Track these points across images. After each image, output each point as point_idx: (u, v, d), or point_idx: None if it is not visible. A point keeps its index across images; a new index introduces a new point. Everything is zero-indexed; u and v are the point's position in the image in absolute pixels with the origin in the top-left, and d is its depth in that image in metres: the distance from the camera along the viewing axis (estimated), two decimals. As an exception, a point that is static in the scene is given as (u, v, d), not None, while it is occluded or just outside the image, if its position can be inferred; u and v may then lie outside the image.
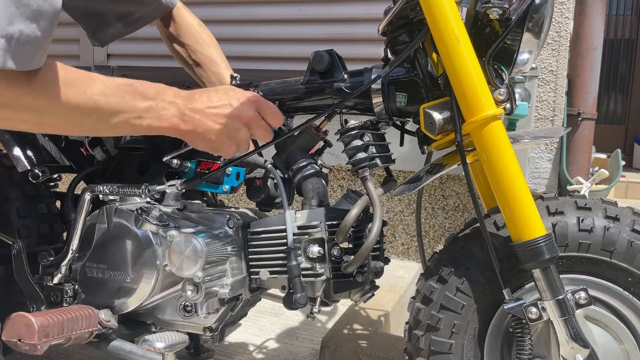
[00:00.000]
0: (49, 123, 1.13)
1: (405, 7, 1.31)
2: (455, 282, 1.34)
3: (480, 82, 1.21)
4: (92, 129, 1.21)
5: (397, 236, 3.08)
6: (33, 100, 1.06)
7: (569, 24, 2.74)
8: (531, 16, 1.26)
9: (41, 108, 1.08)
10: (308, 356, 2.16)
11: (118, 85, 1.19)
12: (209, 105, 1.27)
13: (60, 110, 1.10)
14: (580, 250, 1.28)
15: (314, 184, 1.48)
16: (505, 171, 1.21)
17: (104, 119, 1.17)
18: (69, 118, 1.13)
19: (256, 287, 1.53)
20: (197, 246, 1.35)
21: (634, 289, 1.26)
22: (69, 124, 1.16)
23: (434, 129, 1.28)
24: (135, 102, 1.20)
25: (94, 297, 1.54)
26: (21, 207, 1.69)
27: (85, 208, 1.50)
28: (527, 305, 1.24)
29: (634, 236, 1.25)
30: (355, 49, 2.93)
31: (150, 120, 1.22)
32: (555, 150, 2.80)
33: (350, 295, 1.50)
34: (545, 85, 2.75)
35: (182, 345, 1.44)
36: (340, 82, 1.45)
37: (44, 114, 1.10)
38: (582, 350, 1.22)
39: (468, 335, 1.34)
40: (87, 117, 1.15)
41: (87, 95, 1.12)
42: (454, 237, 1.41)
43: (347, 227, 1.37)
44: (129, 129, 1.22)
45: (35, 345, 1.30)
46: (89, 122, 1.16)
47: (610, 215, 1.28)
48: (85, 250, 1.54)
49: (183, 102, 1.26)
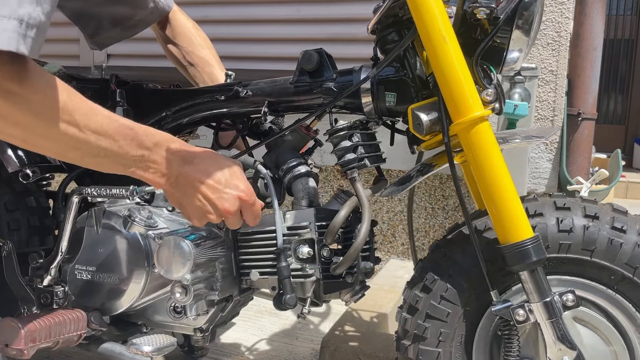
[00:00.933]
0: (33, 142, 1.10)
1: (394, 5, 1.30)
2: (439, 290, 1.34)
3: (468, 82, 1.20)
4: (77, 161, 1.17)
5: (397, 236, 3.07)
6: (23, 115, 1.03)
7: (569, 24, 2.73)
8: (521, 13, 1.25)
9: (29, 125, 1.05)
10: (308, 356, 2.16)
11: (118, 126, 1.16)
12: (201, 178, 1.25)
13: (47, 133, 1.08)
14: (561, 251, 1.27)
15: (304, 184, 1.48)
16: (493, 173, 1.20)
17: (91, 154, 1.14)
18: (54, 144, 1.10)
19: (247, 287, 1.53)
20: (185, 248, 1.34)
21: (617, 286, 1.26)
22: (54, 149, 1.13)
23: (422, 129, 1.28)
24: (128, 148, 1.17)
25: (84, 299, 1.53)
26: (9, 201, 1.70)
27: (74, 210, 1.49)
28: (514, 307, 1.24)
29: (614, 234, 1.25)
30: (356, 49, 2.93)
31: (135, 169, 1.21)
32: (555, 150, 2.79)
33: (340, 296, 1.49)
34: (545, 85, 2.74)
35: (170, 348, 1.44)
36: (330, 82, 1.45)
37: (31, 132, 1.07)
38: (569, 352, 1.21)
39: (455, 342, 1.34)
40: (74, 149, 1.12)
41: (79, 127, 1.09)
42: (436, 244, 1.41)
43: (335, 228, 1.37)
44: (113, 169, 1.20)
45: (22, 350, 1.30)
46: (74, 154, 1.14)
47: (589, 214, 1.28)
48: (75, 252, 1.54)
49: (178, 162, 1.24)
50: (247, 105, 1.55)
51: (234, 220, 1.30)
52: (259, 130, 1.65)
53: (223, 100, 1.57)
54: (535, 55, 2.72)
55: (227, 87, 1.58)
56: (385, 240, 3.08)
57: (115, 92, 1.65)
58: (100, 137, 1.13)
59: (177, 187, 1.26)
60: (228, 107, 1.57)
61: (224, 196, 1.26)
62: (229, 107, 1.57)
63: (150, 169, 1.22)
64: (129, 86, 1.68)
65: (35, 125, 1.05)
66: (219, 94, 1.57)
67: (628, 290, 1.25)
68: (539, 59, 2.73)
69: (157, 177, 1.23)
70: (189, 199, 1.26)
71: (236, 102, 1.55)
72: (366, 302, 2.40)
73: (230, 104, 1.56)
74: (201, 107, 1.60)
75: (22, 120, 1.04)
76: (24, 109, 1.02)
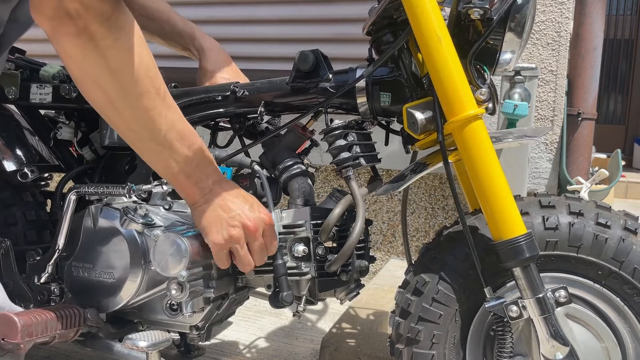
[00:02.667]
0: (95, 90, 1.15)
1: (389, 6, 1.31)
2: (430, 293, 1.34)
3: (462, 81, 1.21)
4: (125, 135, 1.23)
5: (397, 236, 3.08)
6: (114, 52, 1.09)
7: (569, 24, 2.73)
8: (513, 16, 1.26)
9: (112, 69, 1.10)
10: (308, 356, 2.17)
11: (187, 127, 1.23)
12: (230, 197, 1.31)
13: (117, 90, 1.14)
14: (548, 249, 1.29)
15: (300, 183, 1.49)
16: (486, 170, 1.21)
17: (147, 139, 1.21)
18: (117, 106, 1.16)
19: (242, 285, 1.53)
20: (181, 246, 1.35)
21: (605, 281, 1.27)
22: (112, 110, 1.18)
23: (416, 128, 1.29)
24: (188, 151, 1.24)
25: (81, 296, 1.54)
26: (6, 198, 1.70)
27: (71, 208, 1.50)
28: (508, 303, 1.25)
29: (599, 229, 1.26)
30: (355, 49, 2.93)
31: (182, 173, 1.26)
32: (555, 150, 2.79)
33: (335, 294, 1.50)
34: (545, 85, 2.74)
35: (166, 344, 1.45)
36: (325, 82, 1.46)
37: (105, 79, 1.12)
38: (562, 349, 1.22)
39: (449, 344, 1.34)
40: (133, 124, 1.17)
41: (150, 110, 1.16)
42: (426, 247, 1.42)
43: (330, 226, 1.38)
44: (162, 164, 1.26)
45: (18, 344, 1.31)
46: (130, 134, 1.20)
47: (573, 211, 1.29)
48: (72, 250, 1.55)
49: (215, 178, 1.31)
50: (243, 105, 1.56)
51: (242, 254, 1.34)
52: (255, 130, 1.66)
53: (220, 100, 1.58)
54: (535, 55, 2.73)
55: (224, 87, 1.59)
56: (385, 240, 3.09)
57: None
58: (171, 129, 1.19)
59: (207, 203, 1.30)
60: (225, 107, 1.58)
61: (248, 214, 1.31)
62: (225, 107, 1.58)
63: (193, 178, 1.27)
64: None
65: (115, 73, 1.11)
66: (216, 94, 1.58)
67: (615, 284, 1.26)
68: (539, 59, 2.73)
69: (196, 188, 1.28)
70: (215, 213, 1.30)
71: (233, 102, 1.57)
72: (366, 302, 2.41)
73: (227, 104, 1.58)
74: (198, 107, 1.61)
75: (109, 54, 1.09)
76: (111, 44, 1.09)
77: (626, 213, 1.33)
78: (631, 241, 1.25)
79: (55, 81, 1.69)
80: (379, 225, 3.08)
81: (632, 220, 1.30)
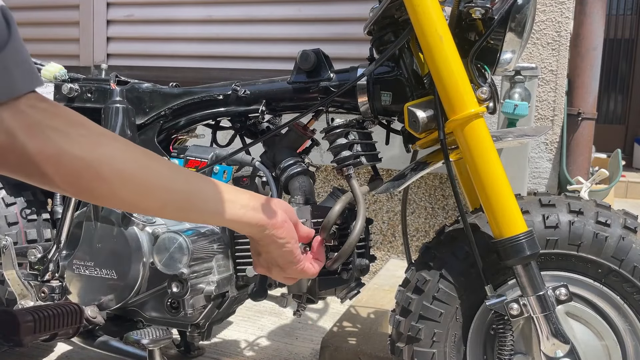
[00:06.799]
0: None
1: (390, 6, 1.32)
2: (431, 291, 1.35)
3: (463, 80, 1.22)
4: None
5: (397, 236, 3.08)
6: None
7: (569, 24, 2.73)
8: (513, 16, 1.27)
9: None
10: (308, 356, 2.17)
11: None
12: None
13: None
14: (549, 247, 1.29)
15: (300, 182, 1.49)
16: (487, 168, 1.22)
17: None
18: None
19: (243, 284, 1.54)
20: (182, 243, 1.36)
21: (605, 280, 1.28)
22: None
23: (418, 127, 1.29)
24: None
25: (82, 293, 1.55)
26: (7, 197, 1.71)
27: (72, 206, 1.51)
28: (509, 301, 1.25)
29: (599, 228, 1.27)
30: (355, 49, 2.94)
31: (246, 210, 1.01)
32: (555, 150, 2.80)
33: (335, 293, 1.50)
34: (545, 85, 2.75)
35: (167, 340, 1.45)
36: (326, 81, 1.47)
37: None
38: (562, 346, 1.22)
39: (449, 342, 1.35)
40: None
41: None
42: (426, 246, 1.42)
43: (330, 224, 1.38)
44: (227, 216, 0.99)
45: (20, 340, 1.31)
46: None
47: (573, 209, 1.30)
48: (73, 248, 1.55)
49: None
50: (245, 104, 1.57)
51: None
52: (256, 129, 1.67)
53: (221, 99, 1.58)
54: (535, 55, 2.73)
55: (225, 86, 1.59)
56: (385, 240, 3.09)
57: (115, 91, 1.66)
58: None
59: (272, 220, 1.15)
60: (226, 107, 1.59)
61: (287, 244, 1.08)
62: (227, 107, 1.59)
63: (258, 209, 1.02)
64: (129, 85, 1.69)
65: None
66: (217, 93, 1.59)
67: (615, 283, 1.27)
68: (539, 58, 2.73)
69: (263, 217, 1.03)
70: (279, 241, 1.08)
71: (234, 101, 1.57)
72: (366, 302, 2.41)
73: (228, 103, 1.58)
74: (199, 106, 1.62)
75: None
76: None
77: (626, 212, 1.34)
78: (631, 239, 1.26)
79: (57, 80, 1.69)
80: (379, 225, 3.08)
81: (632, 218, 1.31)
